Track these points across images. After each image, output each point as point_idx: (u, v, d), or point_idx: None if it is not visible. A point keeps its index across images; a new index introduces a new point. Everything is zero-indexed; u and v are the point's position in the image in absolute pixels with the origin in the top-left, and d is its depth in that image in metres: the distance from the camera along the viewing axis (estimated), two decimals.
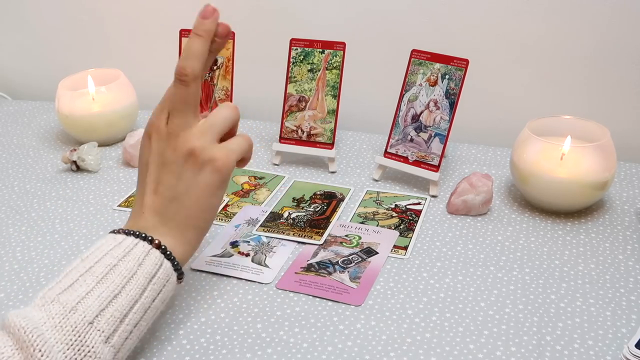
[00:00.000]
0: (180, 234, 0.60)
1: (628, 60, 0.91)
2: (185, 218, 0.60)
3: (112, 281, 0.54)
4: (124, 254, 0.56)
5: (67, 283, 0.53)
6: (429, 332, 0.61)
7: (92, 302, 0.52)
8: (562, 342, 0.60)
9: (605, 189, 0.77)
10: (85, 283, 0.53)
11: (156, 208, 0.60)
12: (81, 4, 1.16)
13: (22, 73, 1.28)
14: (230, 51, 0.94)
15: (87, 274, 0.54)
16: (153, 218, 0.60)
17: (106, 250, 0.56)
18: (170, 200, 0.60)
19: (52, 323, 0.50)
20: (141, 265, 0.56)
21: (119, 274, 0.55)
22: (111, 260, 0.55)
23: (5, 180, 0.92)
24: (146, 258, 0.57)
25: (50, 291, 0.53)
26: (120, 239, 0.58)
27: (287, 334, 0.62)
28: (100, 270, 0.54)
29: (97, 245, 0.58)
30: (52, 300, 0.52)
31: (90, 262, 0.55)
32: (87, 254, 0.57)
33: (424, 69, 0.84)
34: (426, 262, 0.71)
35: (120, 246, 0.57)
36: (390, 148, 0.87)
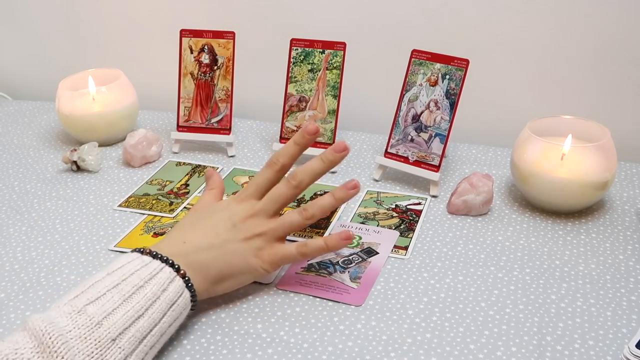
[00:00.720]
0: (204, 272, 0.62)
1: (628, 60, 0.91)
2: (216, 267, 0.63)
3: (137, 302, 0.56)
4: (150, 277, 0.58)
5: (93, 295, 0.55)
6: (429, 332, 0.61)
7: (118, 319, 0.54)
8: (563, 342, 0.60)
9: (606, 189, 0.77)
10: (112, 299, 0.55)
11: (198, 245, 0.63)
12: (81, 4, 1.16)
13: (23, 73, 1.28)
14: (230, 51, 0.94)
15: (114, 290, 0.56)
16: (189, 249, 0.63)
17: (133, 269, 0.58)
18: (213, 248, 0.63)
19: (78, 333, 0.51)
20: (165, 291, 0.58)
21: (144, 295, 0.56)
22: (138, 281, 0.57)
23: (6, 180, 0.92)
24: (170, 284, 0.59)
25: (76, 300, 0.54)
26: (147, 260, 0.60)
27: (288, 334, 0.62)
28: (127, 289, 0.56)
29: (122, 261, 0.60)
30: (79, 310, 0.53)
31: (117, 279, 0.57)
32: (113, 268, 0.59)
33: (424, 69, 0.84)
34: (426, 262, 0.71)
35: (147, 268, 0.59)
36: (390, 148, 0.87)
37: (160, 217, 0.81)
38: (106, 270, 0.59)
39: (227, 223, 0.65)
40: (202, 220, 0.66)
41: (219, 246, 0.64)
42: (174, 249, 0.62)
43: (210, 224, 0.65)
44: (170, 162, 0.95)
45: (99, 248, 0.76)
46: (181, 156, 0.97)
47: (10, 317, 0.65)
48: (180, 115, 0.97)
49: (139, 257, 0.60)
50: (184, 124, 0.97)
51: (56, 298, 0.68)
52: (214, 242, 0.64)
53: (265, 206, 0.67)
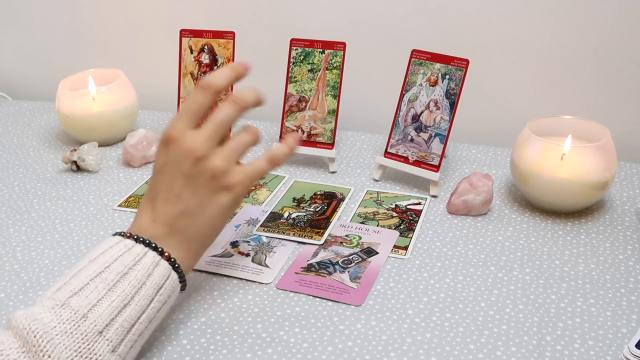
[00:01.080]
0: (187, 247, 0.61)
1: (628, 60, 0.91)
2: (194, 233, 0.61)
3: (122, 290, 0.54)
4: (134, 263, 0.56)
5: (77, 286, 0.53)
6: (429, 332, 0.61)
7: (103, 310, 0.52)
8: (563, 342, 0.60)
9: (606, 189, 0.77)
10: (96, 289, 0.53)
11: (167, 219, 0.60)
12: (81, 4, 1.16)
13: (23, 73, 1.28)
14: (230, 51, 0.94)
15: (98, 279, 0.54)
16: (163, 228, 0.60)
17: (115, 255, 0.56)
18: (182, 214, 0.60)
19: (63, 329, 0.50)
20: (150, 276, 0.56)
21: (129, 283, 0.55)
22: (122, 268, 0.55)
23: (6, 180, 0.92)
24: (155, 269, 0.57)
25: (59, 292, 0.53)
26: (130, 244, 0.58)
27: (288, 334, 0.62)
28: (111, 277, 0.55)
29: (104, 247, 0.58)
30: (62, 303, 0.52)
31: (100, 266, 0.55)
32: (94, 254, 0.57)
33: (424, 69, 0.84)
34: (426, 262, 0.71)
35: (130, 253, 0.57)
36: (390, 148, 0.87)
37: None
38: (88, 257, 0.57)
39: (181, 178, 0.60)
40: (159, 183, 0.61)
41: (187, 210, 0.60)
42: (150, 231, 0.59)
43: (166, 187, 0.60)
44: None
45: None
46: None
47: None
48: None
49: (121, 241, 0.58)
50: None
51: None
52: (179, 208, 0.60)
53: (209, 135, 0.61)
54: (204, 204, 0.61)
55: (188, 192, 0.60)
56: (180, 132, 0.61)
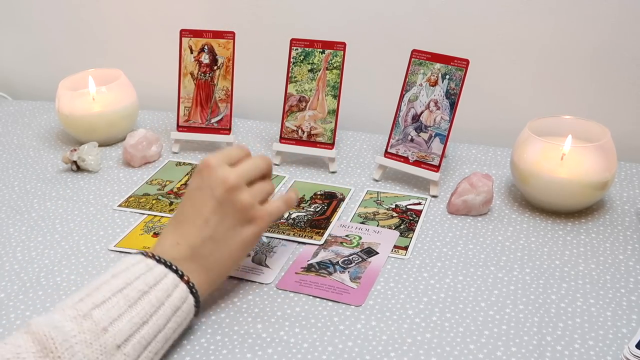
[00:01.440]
0: (206, 274, 0.62)
1: (628, 60, 0.91)
2: (215, 261, 0.63)
3: (142, 307, 0.55)
4: (155, 282, 0.58)
5: (99, 299, 0.54)
6: (429, 332, 0.61)
7: (123, 325, 0.53)
8: (563, 342, 0.60)
9: (606, 189, 0.77)
10: (117, 304, 0.54)
11: (192, 242, 0.62)
12: (81, 4, 1.16)
13: (22, 73, 1.28)
14: (230, 51, 0.94)
15: (120, 295, 0.55)
16: (186, 251, 0.61)
17: (138, 273, 0.58)
18: (207, 239, 0.62)
19: (83, 338, 0.51)
20: (169, 297, 0.58)
21: (149, 302, 0.56)
22: (143, 287, 0.57)
23: (6, 180, 0.92)
24: (175, 290, 0.58)
25: (82, 303, 0.54)
26: (152, 264, 0.59)
27: (288, 334, 0.62)
28: (132, 295, 0.56)
29: (126, 264, 0.59)
30: (84, 314, 0.53)
31: (122, 283, 0.56)
32: (117, 270, 0.58)
33: (424, 69, 0.84)
34: (426, 262, 0.71)
35: (151, 273, 0.58)
36: (390, 148, 0.87)
37: (160, 217, 0.81)
38: (111, 272, 0.58)
39: (212, 203, 0.63)
40: (189, 206, 0.64)
41: (213, 236, 0.62)
42: (173, 253, 0.61)
43: (196, 210, 0.63)
44: (170, 162, 0.95)
45: (98, 248, 0.76)
46: (181, 156, 0.97)
47: (10, 317, 0.65)
48: (180, 115, 0.97)
49: (143, 260, 0.59)
50: (184, 124, 0.97)
51: (56, 298, 0.68)
52: (206, 233, 0.62)
53: (240, 173, 0.65)
54: (229, 233, 0.63)
55: (216, 219, 0.62)
56: (217, 162, 0.64)
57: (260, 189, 0.66)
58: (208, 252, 0.62)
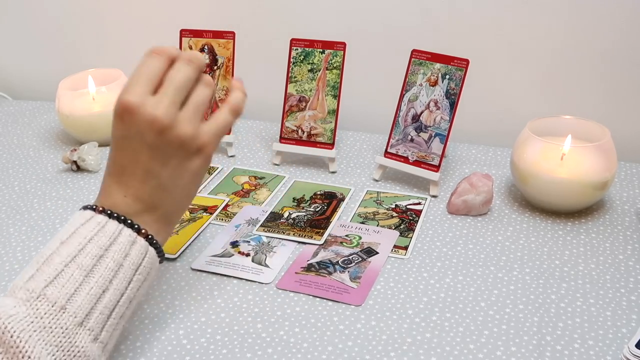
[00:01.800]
0: (163, 221, 0.58)
1: (628, 60, 0.91)
2: (170, 205, 0.58)
3: (100, 275, 0.52)
4: (109, 243, 0.53)
5: (51, 273, 0.50)
6: (429, 332, 0.61)
7: (82, 300, 0.50)
8: (563, 342, 0.60)
9: (606, 189, 0.77)
10: (72, 277, 0.50)
11: (140, 195, 0.56)
12: (81, 3, 1.16)
13: (22, 73, 1.28)
14: (230, 51, 0.94)
15: (73, 265, 0.51)
16: (136, 204, 0.56)
17: (89, 235, 0.53)
18: (156, 189, 0.56)
19: (41, 324, 0.48)
20: (127, 256, 0.54)
21: (106, 266, 0.52)
22: (97, 251, 0.52)
23: (6, 180, 0.92)
24: (132, 247, 0.54)
25: (32, 281, 0.50)
26: (103, 221, 0.54)
27: (287, 334, 0.62)
28: (86, 262, 0.52)
29: (75, 224, 0.54)
30: (37, 295, 0.49)
31: (74, 249, 0.52)
32: (65, 235, 0.53)
33: (424, 69, 0.84)
34: (426, 262, 0.71)
35: (104, 232, 0.53)
36: (390, 148, 0.87)
37: None
38: (59, 237, 0.53)
39: (146, 151, 0.55)
40: (121, 157, 0.57)
41: (160, 183, 0.56)
42: (123, 206, 0.55)
43: (131, 161, 0.56)
44: None
45: None
46: None
47: None
48: None
49: (93, 217, 0.54)
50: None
51: None
52: (152, 183, 0.56)
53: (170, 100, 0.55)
54: (176, 174, 0.57)
55: (157, 165, 0.56)
56: (139, 101, 0.54)
57: (196, 105, 0.57)
58: (160, 200, 0.57)
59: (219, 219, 0.81)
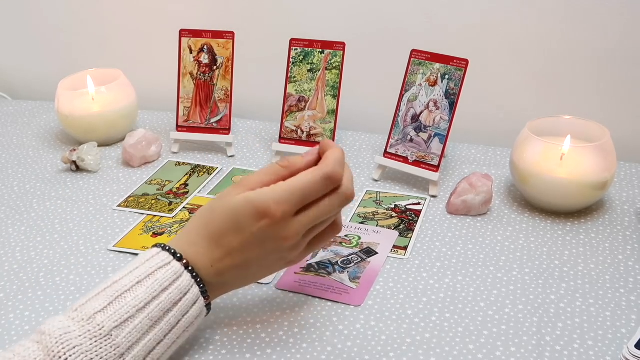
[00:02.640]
0: (226, 290, 0.61)
1: (628, 60, 0.91)
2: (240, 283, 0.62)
3: (160, 328, 0.54)
4: (178, 299, 0.56)
5: (122, 315, 0.53)
6: (428, 332, 0.61)
7: (139, 350, 0.53)
8: (562, 342, 0.60)
9: (605, 189, 0.77)
10: (140, 325, 0.53)
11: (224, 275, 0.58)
12: (81, 4, 1.16)
13: (22, 73, 1.28)
14: (230, 51, 0.94)
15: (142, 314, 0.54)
16: (215, 278, 0.58)
17: (164, 283, 0.55)
18: (239, 267, 0.58)
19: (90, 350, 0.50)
20: (185, 315, 0.56)
21: (167, 321, 0.55)
22: (167, 305, 0.55)
23: (5, 180, 0.92)
24: (192, 307, 0.57)
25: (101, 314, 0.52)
26: (179, 271, 0.56)
27: (287, 334, 0.62)
28: (155, 315, 0.54)
29: (153, 264, 0.56)
30: (106, 334, 0.51)
31: (147, 295, 0.54)
32: (143, 275, 0.55)
33: (423, 69, 0.84)
34: (426, 263, 0.71)
35: (177, 285, 0.56)
36: (390, 148, 0.87)
37: (160, 217, 0.81)
38: (136, 276, 0.55)
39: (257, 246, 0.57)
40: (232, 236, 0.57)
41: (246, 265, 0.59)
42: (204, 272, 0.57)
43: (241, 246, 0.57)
44: (169, 162, 0.95)
45: (98, 248, 0.76)
46: (180, 156, 0.97)
47: (9, 317, 0.65)
48: (180, 115, 0.97)
49: (171, 264, 0.56)
50: (183, 124, 0.97)
51: (55, 298, 0.68)
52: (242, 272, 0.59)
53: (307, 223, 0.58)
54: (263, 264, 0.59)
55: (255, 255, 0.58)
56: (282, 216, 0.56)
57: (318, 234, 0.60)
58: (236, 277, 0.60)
59: None
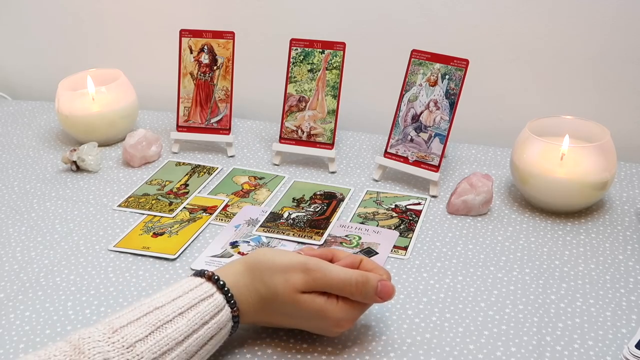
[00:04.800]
0: None
1: (628, 60, 0.91)
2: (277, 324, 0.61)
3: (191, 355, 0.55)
4: (214, 334, 0.56)
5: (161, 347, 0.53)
6: (429, 332, 0.61)
7: None
8: (562, 342, 0.60)
9: (605, 189, 0.77)
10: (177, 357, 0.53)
11: (268, 322, 0.61)
12: (81, 4, 1.16)
13: (22, 73, 1.28)
14: (230, 51, 0.94)
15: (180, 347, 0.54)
16: (256, 317, 0.59)
17: (205, 317, 0.56)
18: (284, 316, 0.60)
19: None
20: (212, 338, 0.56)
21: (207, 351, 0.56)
22: (203, 340, 0.55)
23: (5, 180, 0.92)
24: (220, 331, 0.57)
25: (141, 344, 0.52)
26: (221, 304, 0.57)
27: (288, 334, 0.62)
28: (191, 350, 0.55)
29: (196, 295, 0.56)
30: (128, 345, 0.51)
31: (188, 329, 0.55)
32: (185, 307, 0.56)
33: (424, 69, 0.84)
34: (426, 263, 0.71)
35: (216, 320, 0.56)
36: (390, 148, 0.87)
37: (160, 217, 0.81)
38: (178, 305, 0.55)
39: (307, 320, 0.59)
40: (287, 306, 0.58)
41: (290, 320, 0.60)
42: (246, 316, 0.59)
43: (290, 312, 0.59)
44: (169, 162, 0.95)
45: (98, 248, 0.76)
46: (181, 156, 0.97)
47: (9, 317, 0.65)
48: (180, 115, 0.97)
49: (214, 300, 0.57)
50: (183, 124, 0.97)
51: (55, 298, 0.68)
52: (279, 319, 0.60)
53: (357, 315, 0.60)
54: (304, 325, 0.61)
55: (300, 322, 0.60)
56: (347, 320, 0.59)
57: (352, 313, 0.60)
58: (279, 321, 0.61)
59: (219, 219, 0.80)
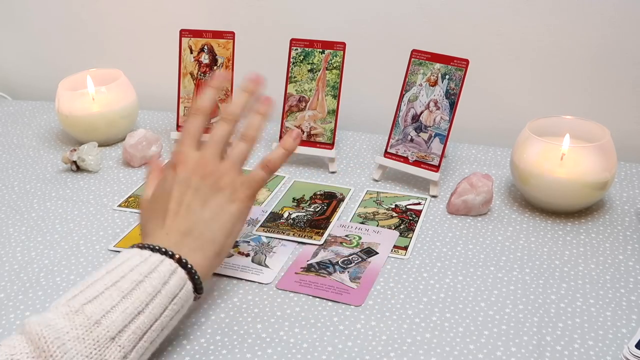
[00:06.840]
0: (202, 253, 0.61)
1: (628, 60, 0.91)
2: (208, 238, 0.62)
3: (136, 298, 0.55)
4: (149, 271, 0.57)
5: (92, 294, 0.54)
6: (429, 332, 0.61)
7: (116, 317, 0.53)
8: (562, 342, 0.60)
9: (606, 189, 0.77)
10: (110, 297, 0.54)
11: (180, 228, 0.62)
12: (81, 4, 1.16)
13: (22, 73, 1.28)
14: (230, 51, 0.94)
15: (113, 288, 0.55)
16: (176, 236, 0.61)
17: (132, 265, 0.57)
18: (195, 222, 0.62)
19: (75, 334, 0.50)
20: (166, 284, 0.57)
21: (144, 291, 0.55)
22: (137, 277, 0.56)
23: (5, 180, 0.92)
24: (171, 277, 0.57)
25: (74, 299, 0.53)
26: (147, 255, 0.58)
27: (287, 334, 0.62)
28: (126, 286, 0.55)
29: (122, 258, 0.58)
30: (76, 310, 0.52)
31: (116, 276, 0.56)
32: (112, 266, 0.57)
33: (424, 69, 0.84)
34: (426, 262, 0.71)
35: (146, 262, 0.57)
36: (390, 148, 0.87)
37: None
38: (105, 268, 0.57)
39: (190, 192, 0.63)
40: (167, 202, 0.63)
41: (199, 218, 0.62)
42: (165, 242, 0.60)
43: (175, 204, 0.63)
44: None
45: (98, 248, 0.76)
46: None
47: (9, 317, 0.65)
48: (180, 115, 0.97)
49: (139, 253, 0.58)
50: (183, 124, 0.97)
51: (55, 298, 0.68)
52: (191, 217, 0.62)
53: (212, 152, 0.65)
54: (214, 212, 0.63)
55: (198, 203, 0.63)
56: (185, 155, 0.65)
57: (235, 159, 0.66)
58: (198, 232, 0.61)
59: None
